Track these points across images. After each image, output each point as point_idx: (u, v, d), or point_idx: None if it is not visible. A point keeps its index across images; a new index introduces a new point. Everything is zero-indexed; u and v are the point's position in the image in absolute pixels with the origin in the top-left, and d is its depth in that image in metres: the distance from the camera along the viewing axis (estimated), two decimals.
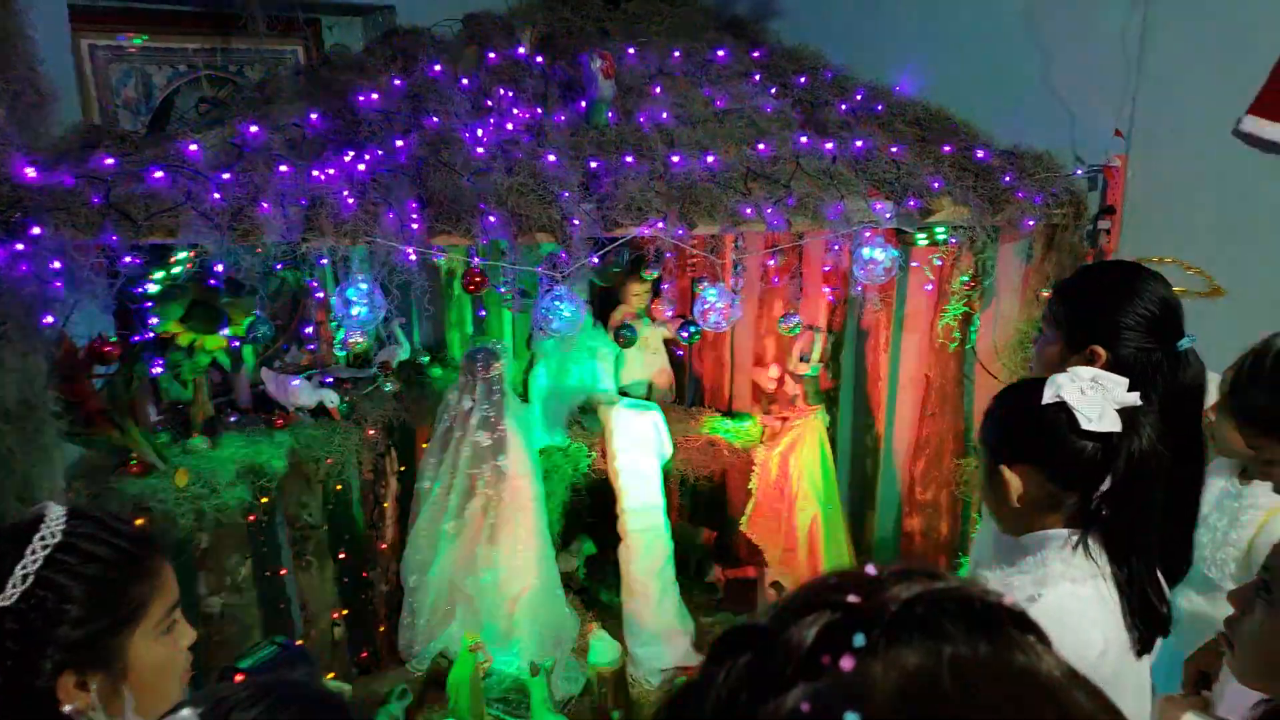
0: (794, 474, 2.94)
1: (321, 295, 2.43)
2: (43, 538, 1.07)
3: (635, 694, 2.85)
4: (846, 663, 0.41)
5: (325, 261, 2.12)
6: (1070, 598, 1.34)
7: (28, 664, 1.04)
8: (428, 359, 3.00)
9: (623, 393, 3.25)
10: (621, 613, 3.01)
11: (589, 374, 3.22)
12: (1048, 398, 1.37)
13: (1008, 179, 2.45)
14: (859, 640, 0.41)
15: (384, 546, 2.82)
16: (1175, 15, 2.41)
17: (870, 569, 0.46)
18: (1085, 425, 1.34)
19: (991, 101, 2.68)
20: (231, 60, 2.56)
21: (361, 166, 2.10)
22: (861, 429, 3.17)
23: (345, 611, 2.76)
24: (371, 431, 2.67)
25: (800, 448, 2.94)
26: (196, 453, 2.36)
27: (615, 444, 2.99)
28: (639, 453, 2.99)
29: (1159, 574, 1.46)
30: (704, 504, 3.57)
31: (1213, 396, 1.89)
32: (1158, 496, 1.40)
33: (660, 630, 2.97)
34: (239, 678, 1.59)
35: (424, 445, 2.82)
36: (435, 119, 2.36)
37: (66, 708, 1.06)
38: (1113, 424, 1.34)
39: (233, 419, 2.55)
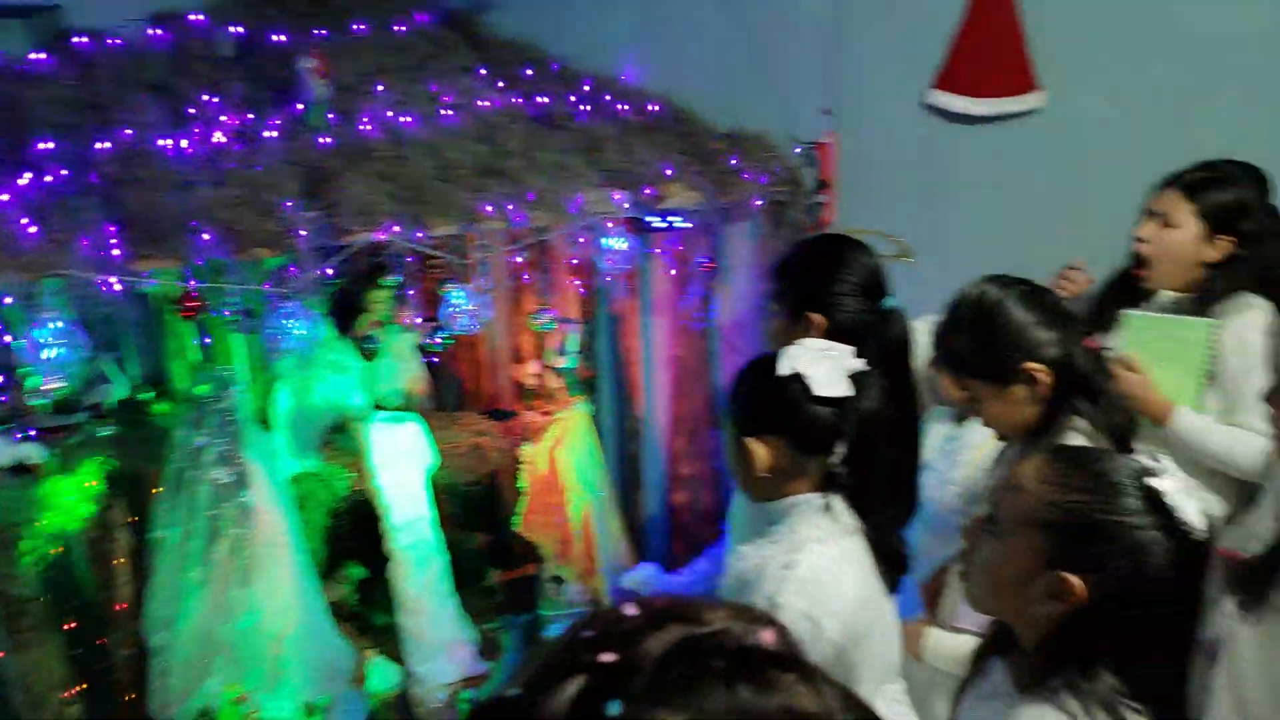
0: (563, 467, 2.95)
1: (9, 339, 2.13)
2: None
3: (423, 714, 2.76)
4: None
5: (9, 300, 1.85)
6: (822, 559, 1.42)
7: None
8: (150, 395, 2.72)
9: (376, 406, 3.12)
10: (399, 633, 2.90)
11: (336, 390, 3.05)
12: (782, 370, 1.44)
13: (733, 161, 2.56)
14: (614, 709, 0.38)
15: (121, 607, 2.54)
16: (866, 2, 2.61)
17: (628, 609, 0.42)
18: (819, 392, 1.42)
19: (710, 87, 2.79)
20: None
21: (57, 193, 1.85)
22: (623, 414, 3.23)
23: (82, 687, 2.45)
24: (91, 483, 2.38)
25: (567, 440, 2.94)
26: None
27: (374, 460, 2.86)
28: (401, 466, 2.89)
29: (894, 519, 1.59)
30: (475, 509, 3.50)
31: (927, 351, 2.08)
32: (888, 451, 1.51)
33: (441, 644, 2.88)
34: None
35: (155, 491, 2.56)
36: (128, 131, 2.14)
37: None
38: (844, 389, 1.43)
39: None
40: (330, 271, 2.05)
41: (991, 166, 2.58)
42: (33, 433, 2.30)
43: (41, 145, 2.02)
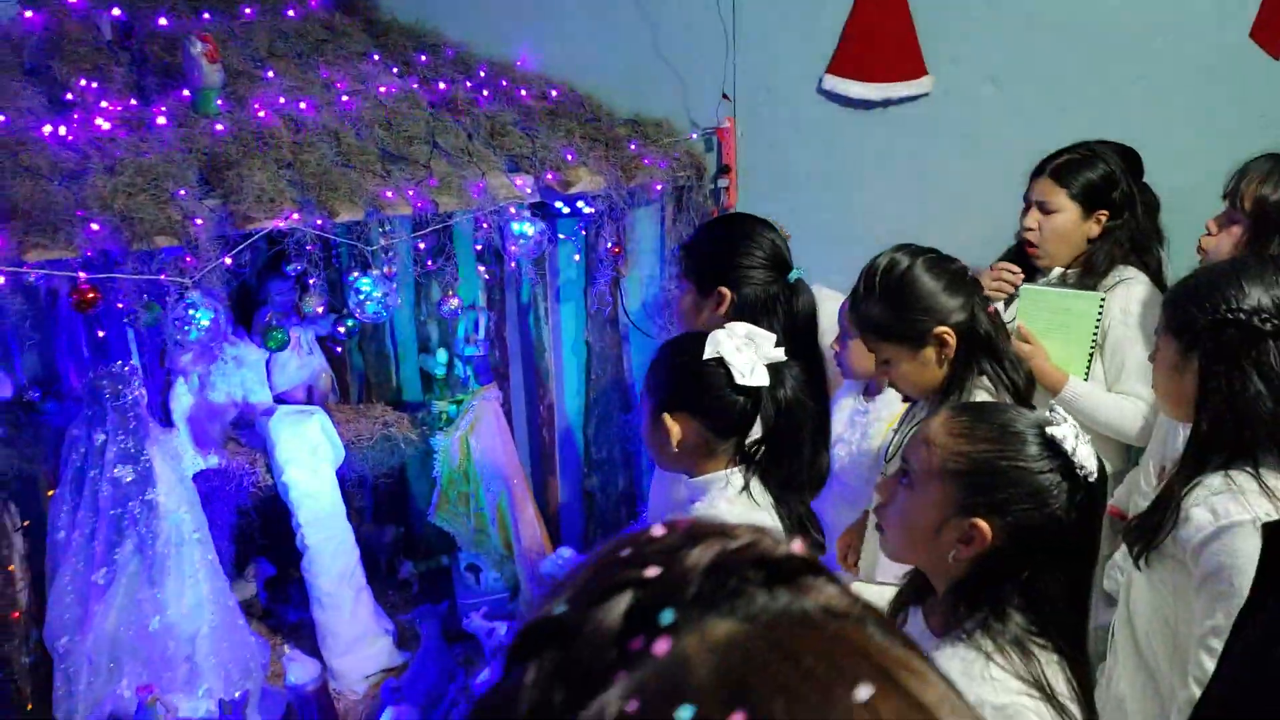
0: (476, 454, 2.95)
1: None
2: None
3: (342, 707, 2.73)
4: (661, 647, 0.39)
5: None
6: None
7: None
8: (39, 394, 2.61)
9: (279, 400, 3.06)
10: (315, 629, 2.86)
11: (238, 384, 2.99)
12: (708, 354, 1.49)
13: (634, 146, 2.60)
14: (668, 618, 0.40)
15: (17, 615, 2.44)
16: None
17: (656, 531, 0.44)
18: (739, 380, 1.48)
19: (610, 73, 2.82)
20: None
21: None
22: (535, 399, 3.24)
23: None
24: None
25: (479, 428, 2.94)
26: None
27: (281, 455, 2.81)
28: (308, 461, 2.84)
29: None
30: (386, 501, 3.47)
31: (831, 330, 2.17)
32: (805, 437, 1.58)
33: (357, 637, 2.86)
34: None
35: (50, 494, 2.47)
36: (3, 116, 2.05)
37: None
38: (761, 379, 1.49)
39: None
40: (230, 261, 2.01)
41: (885, 149, 2.69)
42: None
43: None
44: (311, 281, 2.28)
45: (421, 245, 2.39)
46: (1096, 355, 2.19)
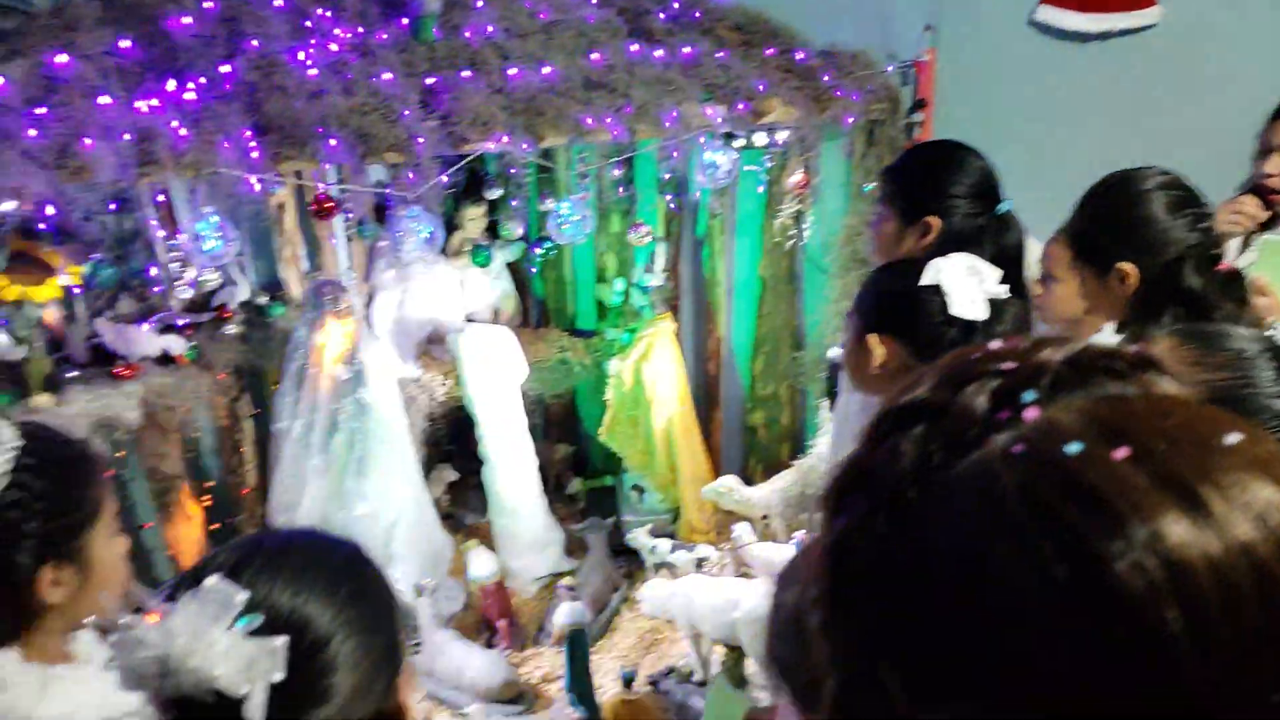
0: (649, 381, 3.07)
1: (163, 234, 2.31)
2: (11, 446, 1.13)
3: (515, 603, 2.95)
4: (1031, 413, 0.44)
5: (161, 198, 2.01)
6: None
7: (7, 558, 1.12)
8: (266, 298, 2.90)
9: (468, 319, 3.27)
10: (491, 532, 3.08)
11: (433, 303, 3.21)
12: (927, 279, 1.49)
13: (828, 78, 2.61)
14: (1029, 396, 0.45)
15: (246, 491, 2.75)
16: None
17: (995, 344, 0.50)
18: (955, 311, 1.46)
19: (806, 3, 2.81)
20: None
21: (190, 94, 1.99)
22: (703, 332, 3.33)
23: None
24: (222, 376, 2.57)
25: (652, 355, 3.06)
26: (44, 411, 2.21)
27: (469, 370, 3.01)
28: (495, 376, 3.03)
29: None
30: (557, 421, 3.67)
31: (1033, 270, 2.14)
32: None
33: (531, 541, 3.07)
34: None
35: (274, 387, 2.75)
36: (256, 42, 2.26)
37: (54, 598, 1.17)
38: (981, 313, 1.47)
39: (70, 374, 2.40)
40: (446, 179, 2.17)
41: (1102, 86, 2.54)
42: (176, 324, 2.48)
43: (184, 54, 2.16)
44: (515, 204, 2.42)
45: (617, 173, 2.50)
46: None
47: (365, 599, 0.90)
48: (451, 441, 3.33)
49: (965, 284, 1.48)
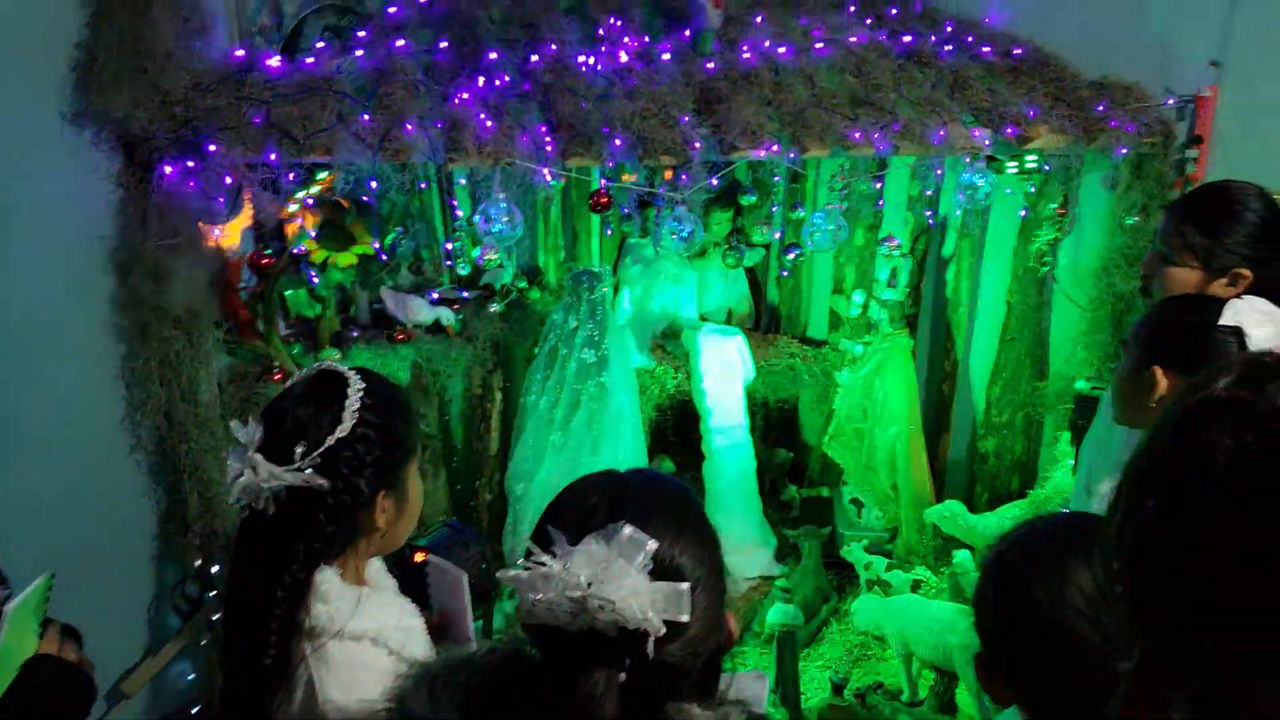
0: (879, 395, 3.07)
1: (459, 214, 2.56)
2: (356, 387, 1.30)
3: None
4: None
5: (463, 181, 2.24)
6: None
7: (352, 486, 1.28)
8: (525, 283, 3.13)
9: (702, 318, 3.39)
10: None
11: (671, 299, 3.35)
12: (1226, 319, 1.47)
13: (1100, 108, 2.53)
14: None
15: (490, 457, 2.99)
16: None
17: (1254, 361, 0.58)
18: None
19: (1079, 34, 2.74)
20: None
21: (505, 96, 2.21)
22: (939, 353, 3.29)
23: (454, 518, 2.93)
24: (482, 350, 2.82)
25: (885, 370, 3.06)
26: (330, 363, 2.51)
27: (701, 366, 3.12)
28: (724, 375, 3.13)
29: None
30: (777, 427, 3.72)
31: None
32: None
33: (744, 542, 3.14)
34: (419, 556, 1.78)
35: (527, 362, 2.97)
36: (553, 47, 2.47)
37: (380, 523, 1.32)
38: None
39: (354, 334, 2.70)
40: (716, 182, 2.28)
41: None
42: (447, 297, 2.74)
43: (490, 55, 2.39)
44: (774, 210, 2.50)
45: (876, 185, 2.53)
46: None
47: (713, 541, 1.01)
48: (675, 434, 3.46)
49: (1264, 329, 1.43)
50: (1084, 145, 2.51)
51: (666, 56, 2.53)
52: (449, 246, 2.79)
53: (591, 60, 2.46)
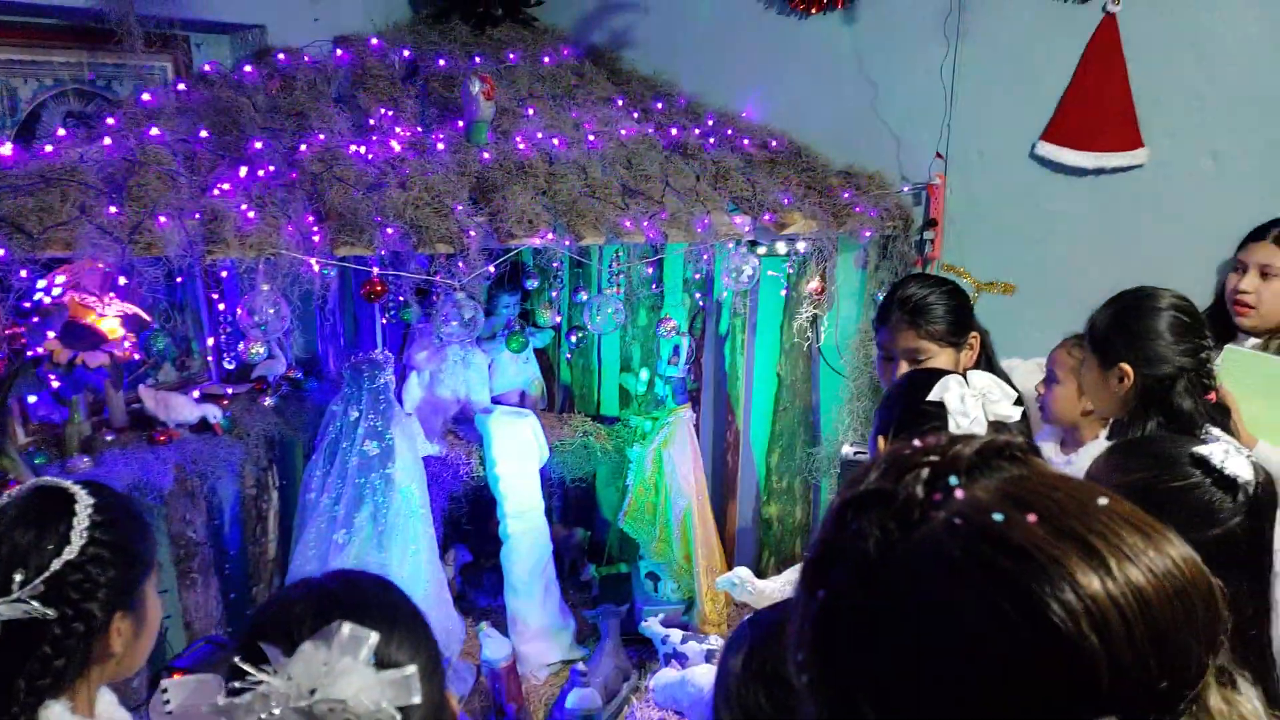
0: (667, 469, 3.15)
1: (222, 307, 2.44)
2: (85, 503, 1.23)
3: (526, 688, 2.97)
4: (960, 493, 0.60)
5: (225, 274, 2.15)
6: None
7: (83, 612, 1.20)
8: (302, 374, 3.02)
9: (496, 401, 3.37)
10: (504, 615, 3.12)
11: (462, 383, 3.32)
12: (933, 395, 1.59)
13: (847, 195, 2.77)
14: (954, 481, 0.60)
15: (268, 559, 2.81)
16: (980, 55, 2.82)
17: (916, 441, 0.64)
18: (951, 427, 1.55)
19: (828, 127, 3.01)
20: (100, 74, 2.52)
21: (269, 186, 2.15)
22: (722, 425, 3.43)
23: (230, 629, 2.73)
24: (255, 446, 2.67)
25: (671, 444, 3.15)
26: (78, 472, 2.30)
27: (494, 450, 3.10)
28: (519, 458, 3.12)
29: None
30: (576, 505, 3.74)
31: (1020, 380, 2.27)
32: None
33: (544, 626, 3.10)
34: (177, 675, 1.64)
35: (306, 458, 2.84)
36: (321, 137, 2.44)
37: (116, 647, 1.25)
38: (979, 428, 1.57)
39: (109, 437, 2.50)
40: (493, 269, 2.30)
41: (1093, 215, 2.75)
42: (205, 395, 2.59)
43: (255, 144, 2.33)
44: (554, 295, 2.55)
45: (649, 270, 2.63)
46: None
47: (424, 625, 1.02)
48: (470, 521, 3.40)
49: (966, 404, 1.57)
50: (834, 229, 2.74)
51: (441, 146, 2.56)
52: (211, 341, 2.65)
53: (363, 149, 2.44)
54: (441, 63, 2.93)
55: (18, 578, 1.14)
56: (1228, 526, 1.22)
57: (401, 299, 2.45)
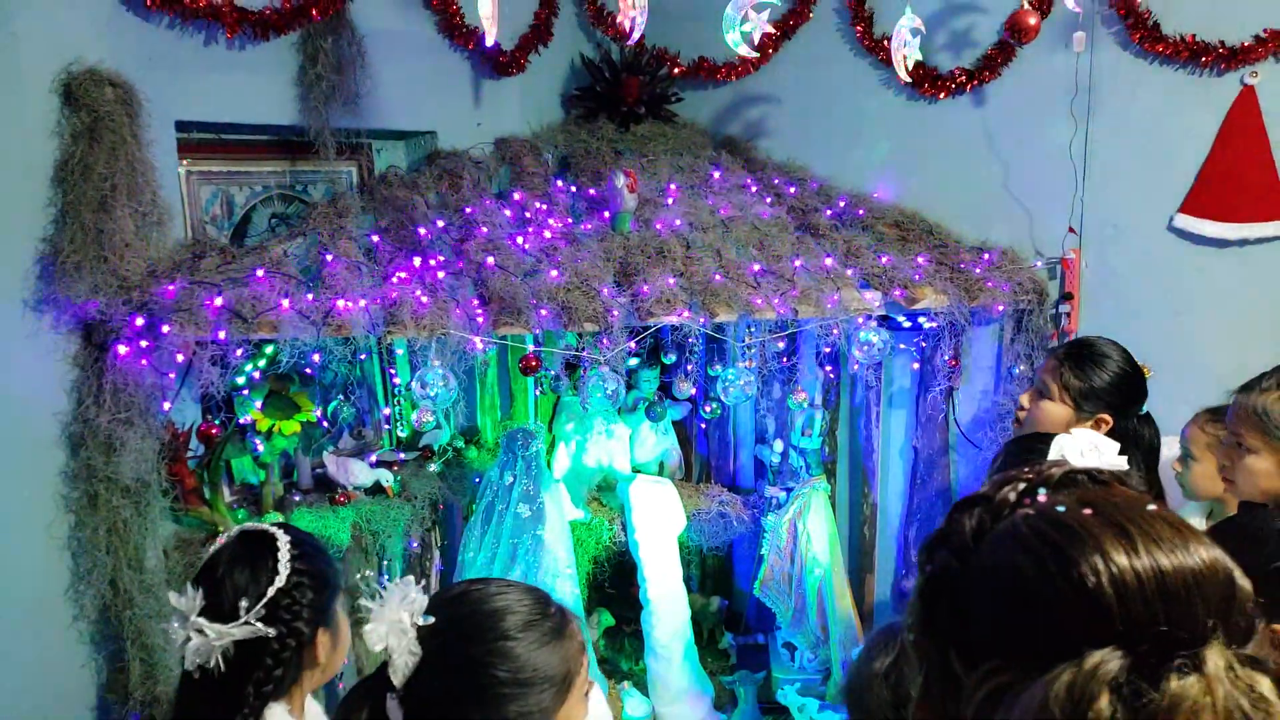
0: (802, 539, 3.23)
1: (397, 381, 2.73)
2: (284, 540, 1.48)
3: None
4: (1042, 497, 0.77)
5: (401, 351, 2.42)
6: None
7: (295, 629, 1.43)
8: (462, 442, 3.28)
9: (636, 470, 3.54)
10: (646, 678, 3.24)
11: (606, 453, 3.52)
12: (1052, 453, 1.68)
13: (978, 270, 2.84)
14: (1042, 492, 0.78)
15: None
16: (1111, 132, 2.87)
17: (1019, 471, 0.82)
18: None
19: (959, 205, 3.10)
20: (298, 180, 2.91)
21: (440, 273, 2.43)
22: (859, 497, 3.48)
23: None
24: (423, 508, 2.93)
25: (806, 514, 3.23)
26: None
27: (635, 518, 3.26)
28: (658, 525, 3.26)
29: None
30: (712, 574, 3.84)
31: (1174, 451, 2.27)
32: None
33: (684, 690, 3.19)
34: None
35: (465, 519, 3.08)
36: (484, 229, 2.72)
37: (321, 657, 1.48)
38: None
39: (296, 498, 2.80)
40: (634, 345, 2.50)
41: (1237, 288, 2.72)
42: (376, 461, 2.87)
43: (423, 232, 2.63)
44: (689, 368, 2.72)
45: (780, 345, 2.77)
46: None
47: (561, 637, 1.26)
48: (613, 585, 3.55)
49: (1086, 458, 1.64)
50: (965, 304, 2.81)
51: (589, 235, 2.80)
52: (386, 412, 2.94)
53: (520, 240, 2.71)
54: (589, 158, 3.20)
55: (243, 605, 1.38)
56: None
57: (553, 373, 2.67)
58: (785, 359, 3.07)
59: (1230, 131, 2.71)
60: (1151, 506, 0.73)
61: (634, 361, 3.24)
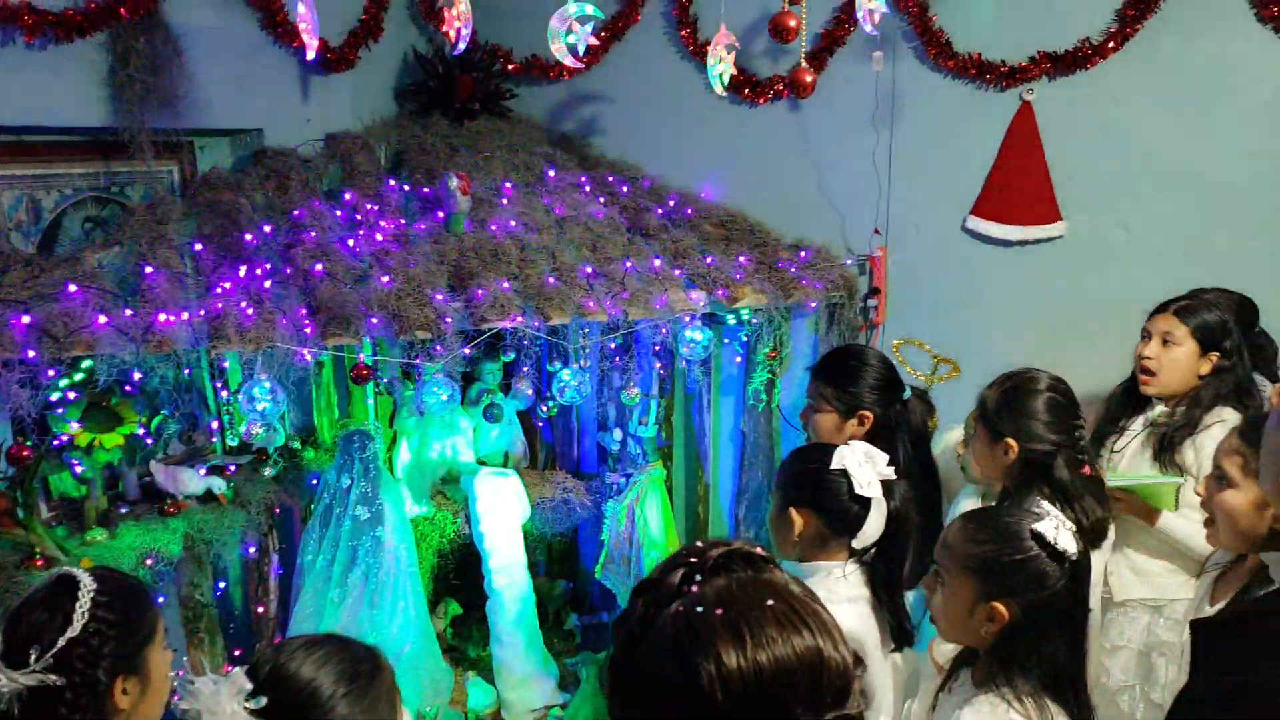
0: (640, 523, 3.38)
1: (226, 393, 2.69)
2: (88, 588, 1.47)
3: None
4: (694, 587, 0.90)
5: (228, 363, 2.40)
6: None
7: (91, 678, 1.43)
8: (299, 444, 3.25)
9: (481, 462, 3.60)
10: (491, 665, 3.33)
11: (449, 446, 3.56)
12: (834, 464, 1.83)
13: (794, 269, 3.03)
14: (699, 577, 0.90)
15: (270, 619, 3.03)
16: (912, 140, 3.11)
17: (698, 544, 0.94)
18: (858, 490, 1.80)
19: (778, 205, 3.29)
20: (114, 181, 2.80)
21: (267, 283, 2.41)
22: (693, 479, 3.66)
23: None
24: (257, 513, 2.90)
25: (644, 499, 3.38)
26: (96, 544, 2.53)
27: (479, 509, 3.32)
28: (502, 517, 3.34)
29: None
30: (559, 557, 3.95)
31: (959, 436, 2.52)
32: (907, 545, 1.89)
33: (528, 675, 3.30)
34: None
35: (302, 522, 3.07)
36: (313, 234, 2.70)
37: (123, 704, 1.47)
38: (875, 492, 1.82)
39: (123, 510, 2.73)
40: (468, 351, 2.56)
41: (1019, 284, 3.03)
42: (208, 468, 2.83)
43: (249, 238, 2.59)
44: (525, 369, 2.80)
45: (613, 345, 2.89)
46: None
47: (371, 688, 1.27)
48: (458, 577, 3.62)
49: (863, 469, 1.81)
50: (783, 301, 3.00)
51: (422, 237, 2.82)
52: (215, 425, 2.89)
53: (351, 243, 2.70)
54: (423, 155, 3.21)
55: (33, 653, 1.39)
56: (1055, 589, 1.50)
57: (386, 380, 2.70)
58: (619, 356, 3.19)
59: (1011, 142, 2.99)
60: (771, 601, 0.87)
61: (475, 354, 3.29)
